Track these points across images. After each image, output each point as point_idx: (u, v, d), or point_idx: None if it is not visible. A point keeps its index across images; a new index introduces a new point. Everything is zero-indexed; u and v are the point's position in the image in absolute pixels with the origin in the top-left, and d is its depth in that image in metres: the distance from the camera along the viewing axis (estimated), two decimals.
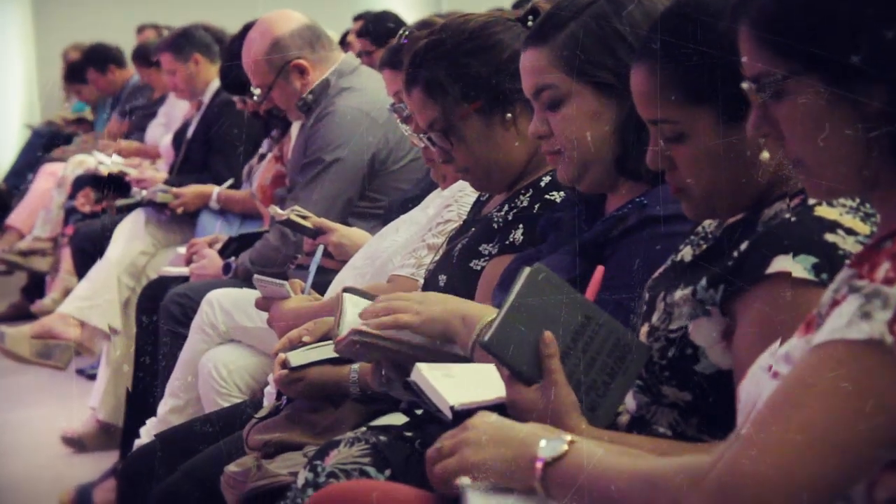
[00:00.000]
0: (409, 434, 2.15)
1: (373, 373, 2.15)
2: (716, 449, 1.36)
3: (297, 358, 2.46)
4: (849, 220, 1.60)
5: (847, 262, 1.53)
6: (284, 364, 2.47)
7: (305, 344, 2.49)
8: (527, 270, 1.72)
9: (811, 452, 1.22)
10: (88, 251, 5.35)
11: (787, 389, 1.26)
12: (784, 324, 1.51)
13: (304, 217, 3.21)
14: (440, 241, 2.69)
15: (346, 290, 2.26)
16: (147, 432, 3.65)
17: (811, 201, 1.63)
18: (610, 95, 2.06)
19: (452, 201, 2.79)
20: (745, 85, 1.38)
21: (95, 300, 4.95)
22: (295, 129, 4.04)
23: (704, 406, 1.71)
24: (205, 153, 4.90)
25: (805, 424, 1.23)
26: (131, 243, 4.87)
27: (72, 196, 6.12)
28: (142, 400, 4.04)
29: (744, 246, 1.65)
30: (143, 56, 6.71)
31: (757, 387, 1.41)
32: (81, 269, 5.42)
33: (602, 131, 2.08)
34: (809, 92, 1.32)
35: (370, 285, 2.60)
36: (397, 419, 2.23)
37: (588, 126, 2.08)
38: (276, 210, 3.26)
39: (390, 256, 2.89)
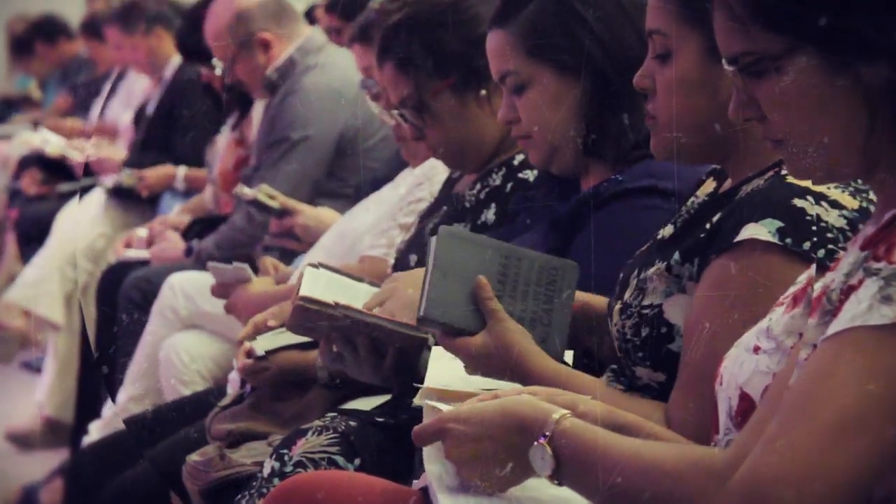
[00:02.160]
0: (380, 420, 2.24)
1: (322, 348, 2.22)
2: (735, 443, 1.38)
3: (263, 343, 2.53)
4: (836, 194, 1.67)
5: (831, 238, 1.62)
6: (249, 353, 2.54)
7: (271, 328, 2.56)
8: (437, 235, 1.87)
9: (839, 450, 1.21)
10: (34, 235, 5.39)
11: (809, 382, 1.25)
12: (748, 289, 1.61)
13: (271, 197, 3.29)
14: (411, 220, 2.78)
15: (311, 265, 2.32)
16: (97, 429, 3.71)
17: (784, 170, 1.71)
18: (571, 77, 2.17)
19: (424, 180, 2.87)
20: (726, 66, 1.41)
21: (42, 288, 5.00)
22: (257, 110, 4.10)
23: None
24: (167, 132, 4.93)
25: (831, 420, 1.21)
26: (90, 225, 4.90)
27: (16, 177, 6.14)
28: (95, 393, 4.10)
29: (716, 217, 1.74)
30: (92, 28, 6.73)
31: (740, 368, 1.45)
32: (27, 254, 5.46)
33: (566, 114, 2.19)
34: (804, 69, 1.32)
35: (341, 266, 2.67)
36: (367, 403, 2.31)
37: (552, 110, 2.19)
38: (242, 189, 3.34)
39: (360, 236, 2.97)
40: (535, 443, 1.43)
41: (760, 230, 1.65)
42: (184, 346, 3.41)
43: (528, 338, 1.84)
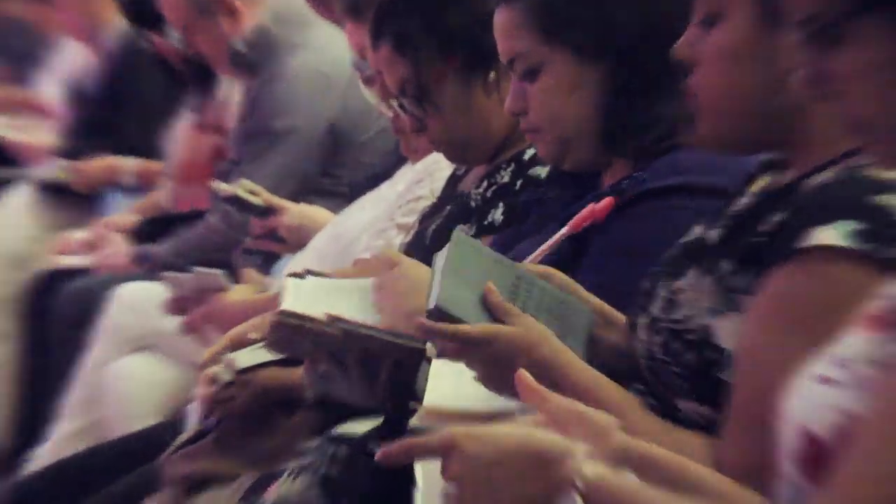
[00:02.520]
0: (373, 450, 2.24)
1: (307, 367, 2.23)
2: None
3: (244, 359, 2.55)
4: None
5: None
6: (214, 378, 2.54)
7: (251, 342, 2.57)
8: (451, 238, 1.92)
9: None
10: None
11: (881, 421, 1.24)
12: (814, 306, 1.58)
13: (253, 193, 3.30)
14: (411, 220, 2.82)
15: (292, 275, 2.32)
16: (40, 457, 3.71)
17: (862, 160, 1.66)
18: (590, 61, 2.20)
19: (425, 176, 2.91)
20: (788, 33, 1.38)
21: None
22: (228, 91, 4.11)
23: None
24: (110, 114, 4.89)
25: None
26: (14, 227, 4.90)
27: None
28: (31, 417, 4.09)
29: (777, 218, 1.71)
30: None
31: (805, 400, 1.41)
32: None
33: (584, 103, 2.22)
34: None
35: (335, 271, 2.70)
36: (358, 427, 2.30)
37: (567, 99, 2.22)
38: (219, 185, 3.35)
39: (355, 237, 3.00)
40: (566, 493, 1.43)
41: (831, 234, 1.60)
42: (134, 372, 3.42)
43: (552, 333, 1.86)
